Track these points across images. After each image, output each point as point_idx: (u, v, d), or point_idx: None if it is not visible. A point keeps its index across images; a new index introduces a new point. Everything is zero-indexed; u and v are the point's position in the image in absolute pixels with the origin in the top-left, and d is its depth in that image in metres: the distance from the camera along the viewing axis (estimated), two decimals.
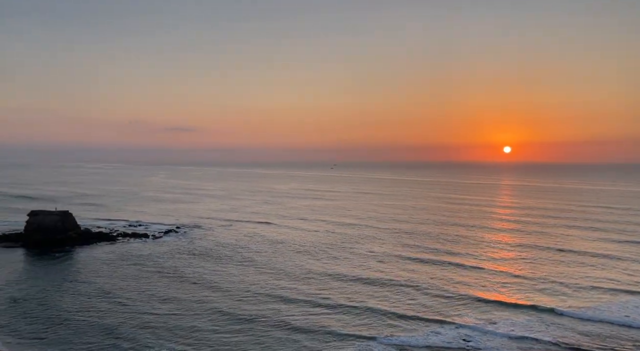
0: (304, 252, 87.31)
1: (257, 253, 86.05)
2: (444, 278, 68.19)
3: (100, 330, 47.69)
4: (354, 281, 66.41)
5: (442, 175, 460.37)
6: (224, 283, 64.97)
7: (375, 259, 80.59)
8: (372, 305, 55.29)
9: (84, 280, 68.31)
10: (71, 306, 56.15)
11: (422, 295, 59.65)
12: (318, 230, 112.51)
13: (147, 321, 50.23)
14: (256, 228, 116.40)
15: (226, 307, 54.46)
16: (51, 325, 49.78)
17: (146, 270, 73.50)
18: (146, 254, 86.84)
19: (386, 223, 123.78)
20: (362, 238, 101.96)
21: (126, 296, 59.45)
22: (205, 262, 79.43)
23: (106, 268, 75.73)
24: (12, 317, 52.34)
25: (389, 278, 67.61)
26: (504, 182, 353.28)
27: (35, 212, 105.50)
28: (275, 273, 70.83)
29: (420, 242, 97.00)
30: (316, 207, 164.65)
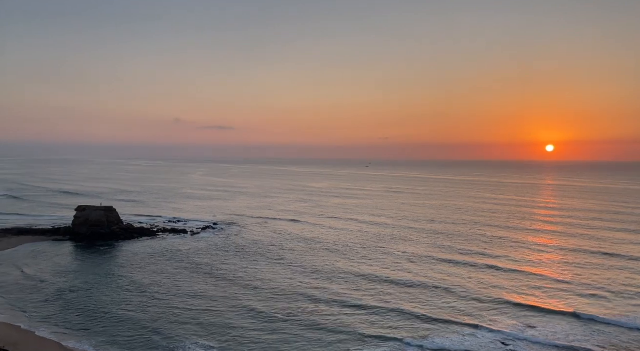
0: (336, 251, 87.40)
1: (289, 252, 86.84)
2: (480, 281, 66.53)
3: (139, 324, 49.67)
4: (385, 282, 65.89)
5: (480, 174, 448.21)
6: (256, 282, 65.83)
7: (408, 260, 79.68)
8: (404, 307, 54.69)
9: (126, 274, 71.32)
10: (113, 298, 58.82)
11: (456, 298, 58.49)
12: (351, 229, 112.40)
13: (182, 317, 51.75)
14: (289, 226, 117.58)
15: (257, 306, 55.14)
16: (95, 316, 52.35)
17: (183, 266, 75.70)
18: (185, 250, 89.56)
19: (420, 224, 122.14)
20: (395, 238, 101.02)
21: (164, 291, 61.54)
22: (240, 259, 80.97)
23: (147, 263, 78.70)
24: (61, 307, 55.42)
25: (422, 280, 66.59)
26: (546, 182, 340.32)
27: (83, 207, 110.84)
28: (306, 272, 71.30)
29: (455, 243, 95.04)
30: (349, 206, 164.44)
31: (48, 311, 53.75)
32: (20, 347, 42.47)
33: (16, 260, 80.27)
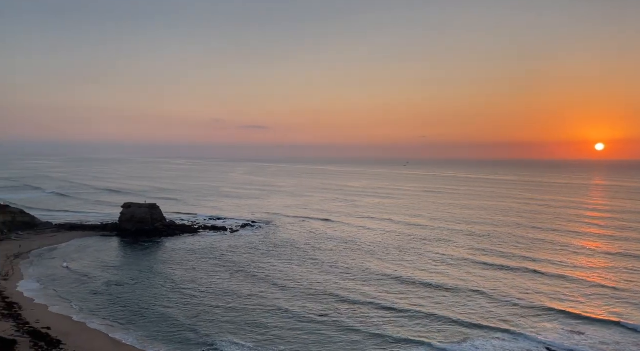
0: (370, 252, 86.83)
1: (324, 252, 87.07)
2: (520, 285, 64.36)
3: (178, 320, 51.37)
4: (419, 285, 64.68)
5: (523, 174, 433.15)
6: (290, 281, 66.24)
7: (444, 262, 78.15)
8: (439, 311, 53.58)
9: (167, 270, 74.07)
10: (156, 294, 61.28)
11: (495, 303, 56.76)
12: (386, 230, 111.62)
13: (218, 315, 52.94)
14: (324, 226, 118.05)
15: (291, 306, 55.55)
16: (139, 310, 54.75)
17: (221, 264, 77.46)
18: (224, 247, 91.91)
19: (458, 225, 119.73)
20: (431, 239, 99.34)
21: (202, 289, 63.22)
22: (275, 258, 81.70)
23: (187, 260, 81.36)
24: (108, 300, 58.34)
25: (458, 284, 64.96)
26: (594, 182, 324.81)
27: (128, 204, 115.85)
28: (340, 273, 71.22)
29: (494, 245, 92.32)
30: (386, 206, 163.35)
31: (97, 304, 56.67)
32: (72, 337, 45.09)
33: (68, 254, 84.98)
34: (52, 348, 42.15)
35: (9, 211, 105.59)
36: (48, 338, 44.45)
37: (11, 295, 58.45)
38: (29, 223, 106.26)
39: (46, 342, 43.35)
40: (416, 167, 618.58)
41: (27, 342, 42.90)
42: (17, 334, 44.78)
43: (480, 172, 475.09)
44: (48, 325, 47.93)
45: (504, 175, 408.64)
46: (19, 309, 53.16)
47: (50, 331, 46.16)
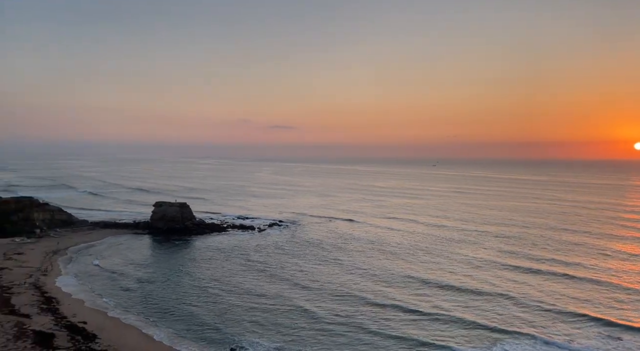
0: (396, 253, 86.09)
1: (350, 253, 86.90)
2: (552, 290, 62.52)
3: (207, 318, 52.47)
4: (446, 288, 63.57)
5: (557, 174, 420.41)
6: (315, 283, 66.25)
7: (472, 265, 76.52)
8: (466, 316, 52.55)
9: (197, 268, 75.73)
10: (186, 291, 62.79)
11: (525, 308, 55.23)
12: (413, 231, 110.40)
13: (246, 314, 53.76)
14: (351, 227, 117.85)
15: (315, 307, 55.58)
16: (170, 307, 56.24)
17: (249, 264, 78.36)
18: (252, 246, 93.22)
19: (487, 226, 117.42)
20: (459, 241, 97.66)
21: (230, 288, 64.30)
22: (302, 259, 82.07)
23: (216, 258, 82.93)
24: (140, 297, 60.18)
25: (487, 288, 63.44)
26: (633, 183, 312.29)
27: (159, 203, 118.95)
28: (365, 275, 70.84)
29: (525, 248, 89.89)
30: (413, 206, 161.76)
31: (130, 300, 58.56)
32: (106, 332, 46.78)
33: (102, 251, 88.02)
34: (88, 342, 43.85)
35: (48, 209, 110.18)
36: (84, 332, 46.26)
37: (50, 290, 61.05)
38: (66, 221, 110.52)
39: (82, 336, 45.12)
40: (445, 167, 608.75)
41: (64, 336, 44.76)
42: (55, 328, 46.79)
43: (512, 172, 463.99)
44: (84, 320, 49.86)
45: (536, 175, 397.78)
46: (57, 304, 55.50)
47: (86, 326, 48.02)
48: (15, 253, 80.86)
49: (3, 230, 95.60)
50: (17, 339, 42.88)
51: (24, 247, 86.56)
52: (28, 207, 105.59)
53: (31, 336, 43.66)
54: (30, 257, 79.04)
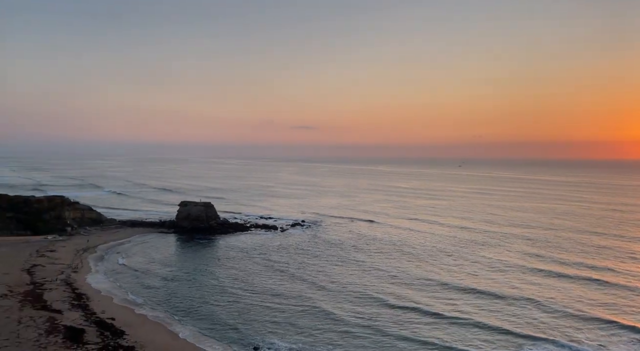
0: (418, 256, 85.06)
1: (372, 255, 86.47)
2: (579, 295, 60.60)
3: (229, 316, 53.31)
4: (469, 292, 62.32)
5: (586, 175, 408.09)
6: (336, 285, 65.94)
7: (496, 269, 75.06)
8: (489, 321, 51.31)
9: (220, 267, 76.87)
10: (209, 290, 63.86)
11: (551, 314, 53.63)
12: (436, 233, 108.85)
13: (266, 315, 54.24)
14: (373, 228, 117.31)
15: (336, 310, 55.30)
16: (194, 305, 57.36)
17: (270, 264, 78.84)
18: (275, 246, 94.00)
19: (513, 228, 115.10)
20: (484, 244, 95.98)
21: (252, 288, 64.96)
22: (324, 260, 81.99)
23: (240, 257, 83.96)
24: (166, 294, 61.53)
25: (511, 292, 61.97)
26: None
27: (185, 202, 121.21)
28: (386, 277, 70.23)
29: (551, 251, 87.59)
30: (436, 207, 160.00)
31: (156, 298, 59.94)
32: (134, 329, 48.04)
33: (130, 249, 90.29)
34: (116, 338, 45.12)
35: (78, 208, 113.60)
36: (112, 328, 47.61)
37: (80, 287, 63.01)
38: (96, 220, 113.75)
39: (111, 332, 46.45)
40: (471, 168, 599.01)
41: (94, 331, 46.18)
42: (85, 323, 48.31)
43: (538, 173, 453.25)
44: (112, 316, 51.32)
45: (564, 176, 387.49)
46: (87, 300, 57.25)
47: (114, 322, 49.41)
48: (48, 251, 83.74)
49: (36, 228, 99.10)
50: (49, 334, 44.47)
51: (55, 245, 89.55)
52: (59, 206, 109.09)
53: (62, 331, 45.21)
54: (62, 254, 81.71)
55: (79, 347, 41.91)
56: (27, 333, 44.17)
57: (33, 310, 51.50)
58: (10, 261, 74.76)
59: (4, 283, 61.99)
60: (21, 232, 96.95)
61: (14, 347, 40.84)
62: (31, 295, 57.05)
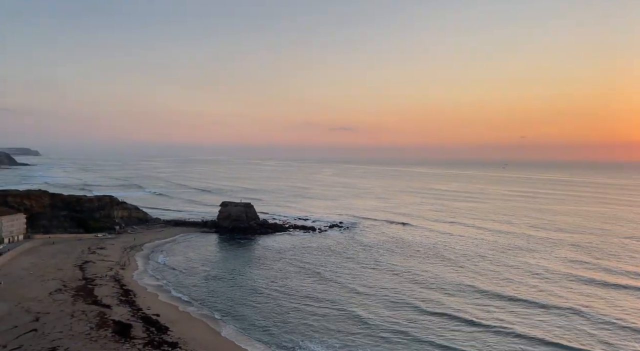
0: (456, 261, 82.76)
1: (407, 258, 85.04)
2: (629, 307, 57.37)
3: (269, 317, 54.34)
4: (507, 299, 60.13)
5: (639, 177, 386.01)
6: (370, 289, 65.12)
7: (538, 276, 72.04)
8: (529, 331, 49.26)
9: (259, 267, 78.38)
10: (249, 289, 65.30)
11: (595, 325, 51.10)
12: (476, 237, 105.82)
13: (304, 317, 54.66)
14: (410, 231, 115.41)
15: (368, 314, 54.82)
16: (235, 304, 58.84)
17: (310, 267, 79.33)
18: (313, 247, 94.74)
19: (558, 233, 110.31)
20: (526, 249, 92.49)
21: (289, 290, 65.75)
22: (361, 264, 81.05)
23: (278, 258, 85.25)
24: (208, 292, 63.49)
25: (552, 300, 59.48)
26: None
27: (226, 203, 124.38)
28: (421, 282, 68.77)
29: (600, 259, 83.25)
30: (477, 210, 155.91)
31: (198, 295, 61.97)
32: (178, 325, 49.91)
33: (174, 248, 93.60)
34: (160, 334, 47.05)
35: (125, 207, 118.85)
36: (157, 324, 49.67)
37: (128, 283, 66.03)
38: (142, 219, 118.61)
39: (156, 328, 48.48)
40: (516, 169, 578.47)
41: (140, 326, 48.35)
42: (132, 319, 50.65)
43: (588, 175, 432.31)
44: (157, 312, 53.50)
45: (615, 178, 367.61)
46: (134, 296, 59.95)
47: (159, 318, 51.51)
48: (98, 248, 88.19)
49: (87, 226, 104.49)
50: (99, 328, 46.97)
51: (105, 242, 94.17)
52: (109, 205, 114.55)
53: (111, 326, 47.63)
54: (111, 252, 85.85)
55: (127, 341, 44.02)
56: (79, 327, 46.84)
57: (85, 304, 54.51)
58: (65, 257, 79.32)
59: (59, 278, 65.91)
60: (74, 229, 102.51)
61: (67, 339, 43.43)
62: (83, 290, 60.38)
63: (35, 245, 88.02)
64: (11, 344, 42.20)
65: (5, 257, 76.07)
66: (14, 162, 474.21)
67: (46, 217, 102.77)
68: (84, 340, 43.55)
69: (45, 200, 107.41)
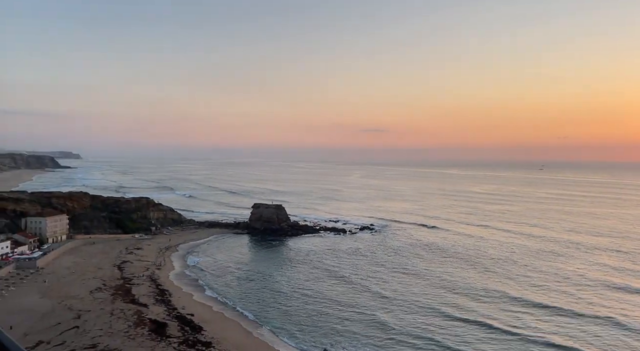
0: (487, 266, 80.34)
1: (438, 263, 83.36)
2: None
3: (300, 319, 54.74)
4: (540, 307, 57.87)
5: None
6: (400, 295, 64.02)
7: (574, 283, 69.11)
8: (561, 340, 47.29)
9: (291, 269, 78.91)
10: (280, 290, 65.90)
11: (634, 337, 48.52)
12: (509, 242, 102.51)
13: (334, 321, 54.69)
14: (440, 234, 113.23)
15: (398, 320, 54.03)
16: (266, 305, 59.55)
17: (340, 270, 78.94)
18: (343, 250, 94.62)
19: (597, 238, 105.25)
20: (562, 255, 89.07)
21: (320, 293, 65.88)
22: (389, 268, 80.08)
23: (310, 260, 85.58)
24: (241, 293, 64.50)
25: (589, 309, 56.92)
26: None
27: (257, 204, 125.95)
28: (452, 288, 67.04)
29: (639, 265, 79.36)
30: (511, 213, 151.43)
31: (232, 296, 63.04)
32: (211, 325, 50.89)
33: (208, 248, 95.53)
34: (195, 333, 48.09)
35: (161, 209, 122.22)
36: (192, 323, 50.81)
37: (163, 283, 67.85)
38: (177, 220, 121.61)
39: (190, 327, 49.59)
40: (553, 171, 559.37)
41: (175, 326, 49.57)
42: (168, 318, 52.00)
43: (631, 177, 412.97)
44: (192, 312, 54.73)
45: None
46: (169, 296, 61.54)
47: (193, 318, 52.67)
48: (135, 248, 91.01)
49: (125, 226, 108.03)
50: (137, 326, 48.45)
51: (142, 243, 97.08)
52: (145, 207, 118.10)
53: (148, 324, 49.05)
54: (147, 252, 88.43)
55: (163, 340, 45.22)
56: (118, 325, 48.47)
57: (123, 303, 56.37)
58: (104, 257, 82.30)
59: (99, 277, 68.43)
60: (113, 230, 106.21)
61: (106, 337, 45.00)
62: (121, 289, 62.47)
63: (77, 245, 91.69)
64: (55, 340, 44.09)
65: (50, 256, 79.62)
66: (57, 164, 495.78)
67: (87, 217, 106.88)
68: (122, 337, 45.01)
69: (86, 202, 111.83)
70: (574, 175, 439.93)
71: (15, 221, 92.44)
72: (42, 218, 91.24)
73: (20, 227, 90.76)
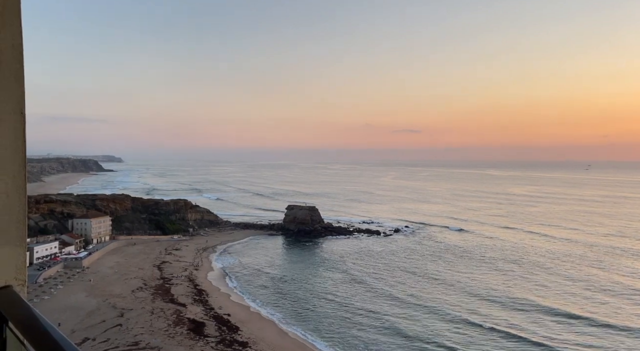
0: (523, 273, 77.06)
1: (473, 269, 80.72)
2: None
3: (333, 322, 54.82)
4: (571, 317, 55.12)
5: None
6: (434, 303, 62.09)
7: (617, 293, 65.31)
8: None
9: (326, 271, 79.05)
10: (315, 292, 66.16)
11: None
12: (548, 249, 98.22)
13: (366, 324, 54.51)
14: (476, 238, 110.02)
15: (430, 330, 52.60)
16: (301, 306, 59.96)
17: (374, 273, 78.51)
18: (377, 251, 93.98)
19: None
20: (602, 261, 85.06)
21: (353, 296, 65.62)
22: (423, 275, 77.76)
23: (344, 261, 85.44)
24: (276, 294, 65.20)
25: (623, 322, 53.61)
26: None
27: (291, 206, 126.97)
28: (487, 297, 64.69)
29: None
30: (553, 216, 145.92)
31: (267, 296, 63.84)
32: (248, 325, 51.67)
33: (244, 249, 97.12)
34: (232, 333, 48.96)
35: (198, 210, 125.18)
36: (229, 323, 51.75)
37: (201, 283, 69.44)
38: (213, 222, 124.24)
39: (227, 327, 50.52)
40: (600, 171, 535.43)
41: (213, 325, 50.63)
42: (205, 318, 53.17)
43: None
44: (229, 312, 55.74)
45: None
46: (206, 296, 62.92)
47: (230, 318, 53.63)
48: (174, 249, 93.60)
49: (164, 228, 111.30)
50: (176, 325, 49.81)
51: (180, 244, 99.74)
52: (183, 208, 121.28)
53: (186, 324, 50.34)
54: (185, 253, 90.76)
55: (201, 339, 46.30)
56: (158, 323, 49.98)
57: (163, 302, 58.09)
58: (145, 258, 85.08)
59: (140, 277, 70.79)
60: (153, 231, 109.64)
61: (147, 335, 46.49)
62: (161, 289, 64.39)
63: (119, 246, 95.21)
64: (100, 337, 45.92)
65: (94, 256, 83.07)
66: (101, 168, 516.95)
67: (128, 219, 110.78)
68: (162, 336, 46.38)
69: (127, 204, 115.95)
70: (621, 176, 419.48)
71: (62, 222, 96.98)
72: (88, 220, 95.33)
73: (67, 228, 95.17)
